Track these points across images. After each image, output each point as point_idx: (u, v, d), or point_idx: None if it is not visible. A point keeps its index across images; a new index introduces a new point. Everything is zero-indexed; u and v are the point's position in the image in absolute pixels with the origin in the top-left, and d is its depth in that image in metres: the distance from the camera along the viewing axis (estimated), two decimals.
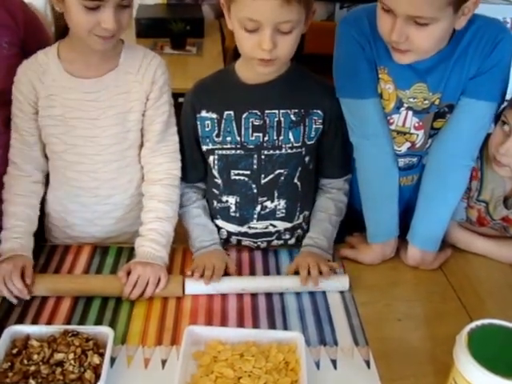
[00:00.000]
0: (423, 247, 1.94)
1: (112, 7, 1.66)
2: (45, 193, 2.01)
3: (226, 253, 1.97)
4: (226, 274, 1.86)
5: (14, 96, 1.89)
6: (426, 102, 1.84)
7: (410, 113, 1.87)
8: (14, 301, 1.75)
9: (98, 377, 1.45)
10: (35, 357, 1.50)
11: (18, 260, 1.79)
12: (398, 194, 1.98)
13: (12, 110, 1.91)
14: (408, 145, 1.93)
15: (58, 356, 1.50)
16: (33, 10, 2.06)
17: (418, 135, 1.90)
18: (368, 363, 1.60)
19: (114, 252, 2.01)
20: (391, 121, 1.90)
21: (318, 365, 1.59)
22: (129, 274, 1.78)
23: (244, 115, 1.88)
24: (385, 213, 1.99)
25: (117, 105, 1.87)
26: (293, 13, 1.63)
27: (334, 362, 1.60)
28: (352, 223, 2.09)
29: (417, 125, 1.88)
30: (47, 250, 2.00)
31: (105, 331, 1.58)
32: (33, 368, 1.47)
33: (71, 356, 1.49)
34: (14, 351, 1.52)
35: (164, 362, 1.58)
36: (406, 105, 1.86)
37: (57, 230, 2.06)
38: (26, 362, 1.49)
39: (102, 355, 1.51)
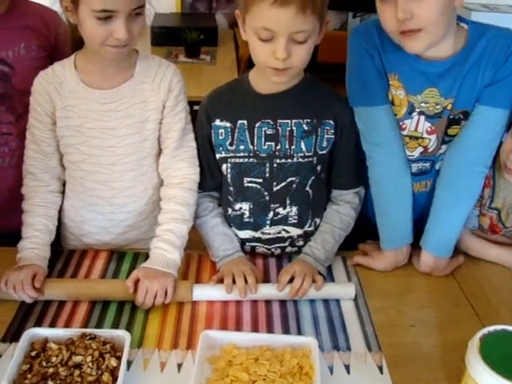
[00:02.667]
0: (436, 253, 1.95)
1: (123, 17, 1.69)
2: (61, 202, 2.03)
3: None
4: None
5: (31, 107, 1.92)
6: (438, 106, 1.86)
7: (422, 117, 1.89)
8: (29, 300, 1.80)
9: (115, 379, 1.47)
10: (54, 359, 1.51)
11: (29, 268, 1.81)
12: (412, 200, 1.99)
13: (30, 121, 1.93)
14: (420, 149, 1.94)
15: (76, 358, 1.52)
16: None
17: (430, 139, 1.92)
18: (381, 368, 1.61)
19: (131, 257, 2.03)
20: (404, 126, 1.92)
21: (331, 369, 1.60)
22: (136, 282, 1.80)
23: (257, 124, 1.90)
24: (398, 219, 2.00)
25: (134, 114, 1.89)
26: (307, 23, 1.66)
27: (347, 367, 1.61)
28: (364, 233, 2.11)
29: (429, 129, 1.90)
30: (64, 255, 2.03)
31: (122, 335, 1.60)
32: (51, 370, 1.49)
33: (89, 359, 1.51)
34: (33, 354, 1.54)
35: (180, 366, 1.60)
36: (417, 110, 1.88)
37: (73, 238, 2.08)
38: (44, 364, 1.51)
39: (118, 358, 1.53)
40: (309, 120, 1.90)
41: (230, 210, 2.02)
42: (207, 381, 1.52)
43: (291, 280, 1.84)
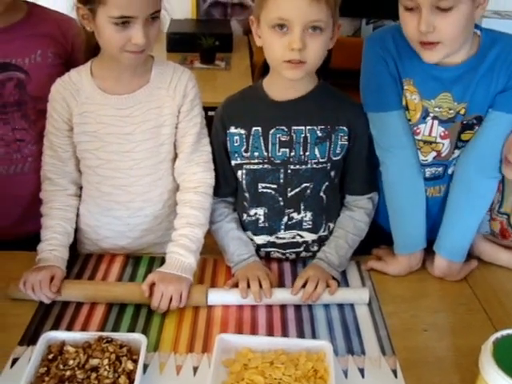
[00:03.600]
0: (450, 258, 1.96)
1: (141, 23, 1.72)
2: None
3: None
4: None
5: (49, 113, 1.94)
6: (452, 111, 1.87)
7: (436, 122, 1.90)
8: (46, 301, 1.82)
9: (131, 382, 1.48)
10: (71, 362, 1.53)
11: (47, 269, 1.83)
12: (426, 206, 2.00)
13: (47, 128, 1.96)
14: (434, 154, 1.95)
15: (93, 361, 1.53)
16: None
17: (443, 144, 1.93)
18: (395, 372, 1.62)
19: (147, 262, 2.05)
20: (418, 131, 1.93)
21: (345, 373, 1.61)
22: (152, 286, 1.81)
23: (271, 131, 1.92)
24: (411, 224, 2.01)
25: (150, 119, 1.91)
26: (321, 13, 1.70)
27: (361, 371, 1.62)
28: (377, 238, 2.12)
29: (443, 134, 1.91)
30: (81, 259, 2.05)
31: (138, 338, 1.61)
32: (68, 373, 1.51)
33: (106, 362, 1.53)
34: (50, 356, 1.56)
35: (196, 369, 1.61)
36: (431, 114, 1.89)
37: (89, 243, 2.10)
38: (61, 367, 1.52)
39: (135, 361, 1.54)
40: (323, 126, 1.92)
41: (245, 216, 2.04)
42: None
43: (305, 284, 1.85)
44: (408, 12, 1.71)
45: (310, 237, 2.03)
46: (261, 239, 2.04)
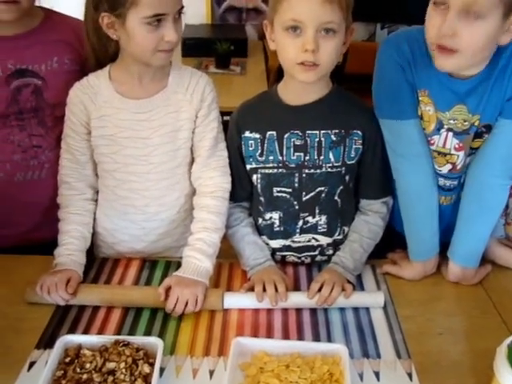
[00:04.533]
0: (464, 264, 1.96)
1: (171, 20, 1.76)
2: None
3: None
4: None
5: (67, 117, 1.96)
6: (466, 123, 1.85)
7: (451, 134, 1.88)
8: (62, 303, 1.84)
9: None
10: (88, 365, 1.54)
11: (63, 273, 1.85)
12: (438, 212, 2.00)
13: (65, 131, 1.98)
14: (449, 167, 1.94)
15: (110, 365, 1.54)
16: None
17: (458, 156, 1.91)
18: (410, 375, 1.62)
19: (163, 266, 2.06)
20: (432, 142, 1.91)
21: (361, 376, 1.61)
22: (168, 290, 1.83)
23: (286, 135, 1.93)
24: (426, 231, 2.01)
25: (167, 124, 1.93)
26: (334, 14, 1.71)
27: (377, 374, 1.63)
28: (391, 243, 2.12)
29: (457, 146, 1.89)
30: (97, 263, 2.06)
31: (154, 342, 1.62)
32: (85, 376, 1.52)
33: (122, 365, 1.54)
34: (67, 360, 1.57)
35: (212, 373, 1.62)
36: (446, 126, 1.87)
37: (105, 247, 2.11)
38: (78, 370, 1.54)
39: (151, 365, 1.55)
40: (337, 131, 1.92)
41: (260, 220, 2.05)
42: None
43: (321, 288, 1.85)
44: (436, 8, 1.67)
45: (325, 240, 2.03)
46: (276, 243, 2.04)
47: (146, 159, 1.95)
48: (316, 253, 2.05)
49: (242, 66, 4.32)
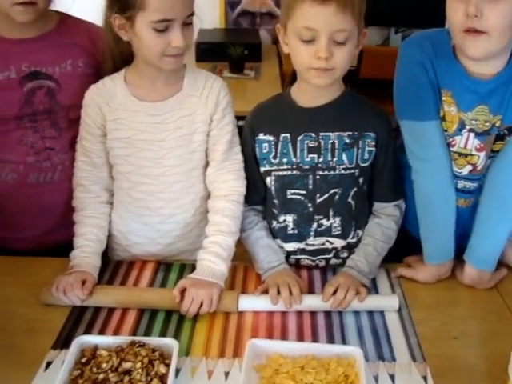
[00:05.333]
0: (481, 266, 1.95)
1: (179, 26, 1.76)
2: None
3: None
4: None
5: (82, 119, 1.98)
6: (488, 124, 1.86)
7: (472, 135, 1.88)
8: (78, 303, 1.85)
9: None
10: (104, 365, 1.55)
11: (78, 274, 1.86)
12: (455, 215, 2.00)
13: (81, 134, 1.99)
14: (469, 168, 1.94)
15: (126, 365, 1.55)
16: None
17: (479, 157, 1.91)
18: (425, 379, 1.62)
19: (178, 268, 2.06)
20: (453, 142, 1.91)
21: (376, 379, 1.61)
22: (183, 291, 1.83)
23: (299, 137, 1.94)
24: (442, 235, 2.00)
25: (182, 126, 1.94)
26: (346, 22, 1.72)
27: (392, 377, 1.62)
28: (405, 246, 2.11)
29: (478, 147, 1.89)
30: (112, 266, 2.07)
31: (170, 343, 1.63)
32: (102, 376, 1.53)
33: (138, 365, 1.54)
34: (83, 360, 1.58)
35: (227, 374, 1.62)
36: (467, 127, 1.87)
37: (120, 249, 2.12)
38: (95, 370, 1.54)
39: (167, 365, 1.56)
40: (350, 133, 1.93)
41: (274, 223, 2.05)
42: None
43: (335, 291, 1.86)
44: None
45: (339, 243, 2.03)
46: (290, 246, 2.04)
47: (161, 162, 1.96)
48: (330, 256, 2.05)
49: (256, 71, 4.33)
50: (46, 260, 2.06)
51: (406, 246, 2.10)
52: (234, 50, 4.19)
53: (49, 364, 1.64)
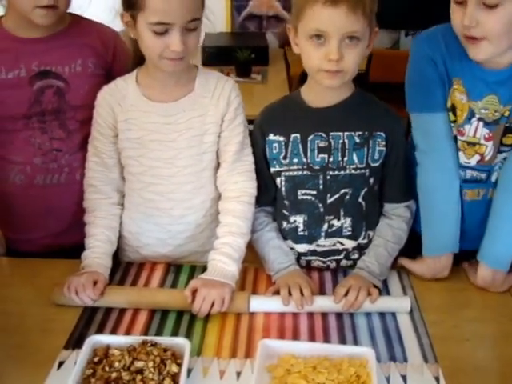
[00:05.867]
0: (495, 267, 1.94)
1: (179, 31, 1.75)
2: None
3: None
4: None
5: (94, 120, 1.99)
6: (497, 113, 1.87)
7: (481, 124, 1.89)
8: (90, 303, 1.85)
9: None
10: (116, 364, 1.55)
11: (90, 274, 1.87)
12: (465, 211, 2.01)
13: (92, 134, 2.00)
14: (477, 158, 1.94)
15: (139, 364, 1.55)
16: (123, 40, 2.20)
17: (487, 146, 1.92)
18: (438, 380, 1.62)
19: (188, 270, 2.06)
20: (463, 132, 1.92)
21: (388, 380, 1.61)
22: (194, 292, 1.83)
23: (310, 137, 1.94)
24: (441, 227, 2.01)
25: (193, 127, 1.94)
26: (357, 24, 1.73)
27: (403, 378, 1.62)
28: (415, 247, 2.09)
29: (487, 136, 1.90)
30: (122, 267, 2.07)
31: (182, 343, 1.63)
32: (114, 375, 1.53)
33: (151, 364, 1.54)
34: (96, 359, 1.58)
35: (239, 374, 1.62)
36: (477, 115, 1.89)
37: (130, 250, 2.12)
38: (107, 369, 1.55)
39: (179, 365, 1.56)
40: (360, 132, 1.93)
41: (284, 224, 2.05)
42: None
43: (347, 293, 1.85)
44: (456, 5, 1.73)
45: (350, 244, 2.03)
46: (301, 248, 2.04)
47: (172, 162, 1.96)
48: (341, 257, 2.05)
49: (263, 75, 4.33)
50: (55, 261, 2.06)
51: (416, 246, 2.09)
52: (241, 53, 4.19)
53: (61, 364, 1.65)
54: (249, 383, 1.56)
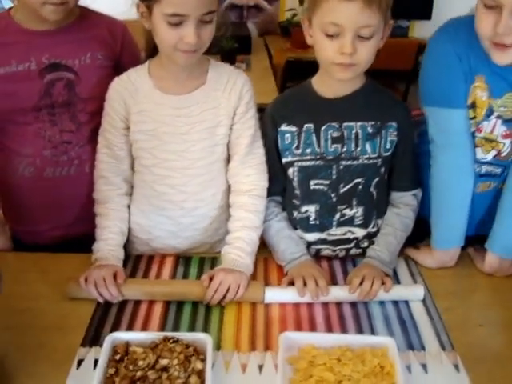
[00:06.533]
0: (502, 254, 1.97)
1: (193, 23, 1.74)
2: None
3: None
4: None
5: (105, 112, 1.97)
6: None
7: (499, 121, 1.89)
8: (101, 300, 1.83)
9: (202, 382, 1.50)
10: (141, 363, 1.53)
11: (109, 267, 1.86)
12: (475, 201, 2.01)
13: (103, 126, 1.99)
14: (494, 153, 1.95)
15: (163, 362, 1.54)
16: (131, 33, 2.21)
17: (504, 144, 1.93)
18: (457, 367, 1.63)
19: (197, 262, 2.06)
20: (481, 129, 1.92)
21: (409, 369, 1.62)
22: (211, 279, 1.83)
23: (323, 128, 1.94)
24: (451, 221, 2.02)
25: (206, 119, 1.93)
26: (373, 18, 1.72)
27: (424, 366, 1.64)
28: (420, 233, 2.12)
29: (504, 133, 1.91)
30: (132, 260, 2.05)
31: (203, 338, 1.62)
32: (139, 373, 1.51)
33: (175, 362, 1.53)
34: (117, 357, 1.56)
35: (261, 367, 1.62)
36: (496, 113, 1.89)
37: (139, 243, 2.11)
38: (131, 367, 1.53)
39: (202, 361, 1.55)
40: (373, 122, 1.94)
41: (295, 213, 2.05)
42: (290, 381, 1.55)
43: (361, 283, 1.86)
44: (487, 10, 1.68)
45: (360, 232, 2.05)
46: (312, 236, 2.05)
47: (185, 155, 1.95)
48: (351, 245, 2.07)
49: (247, 63, 4.36)
50: (66, 256, 2.05)
51: (421, 230, 2.11)
52: (226, 42, 4.18)
53: (80, 362, 1.63)
54: (272, 376, 1.56)
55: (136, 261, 2.06)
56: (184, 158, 1.96)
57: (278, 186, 2.07)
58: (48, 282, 1.92)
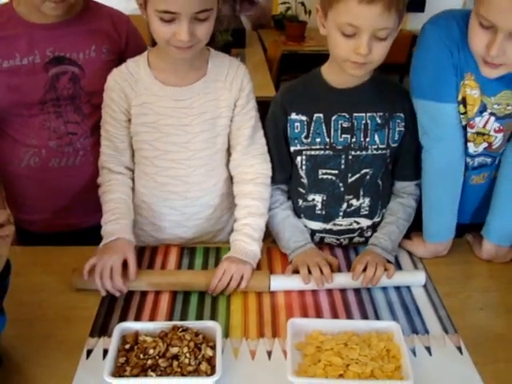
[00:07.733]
0: (498, 242, 2.01)
1: (186, 20, 1.72)
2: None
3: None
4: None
5: (105, 104, 1.98)
6: (510, 107, 1.88)
7: (493, 118, 1.90)
8: (104, 293, 1.83)
9: (212, 368, 1.52)
10: (151, 351, 1.55)
11: (119, 251, 1.84)
12: (470, 192, 2.05)
13: (104, 118, 2.00)
14: (485, 145, 1.96)
15: (173, 350, 1.55)
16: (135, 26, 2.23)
17: (496, 137, 1.94)
18: (460, 349, 1.67)
19: (202, 252, 2.08)
20: (473, 124, 1.92)
21: (413, 352, 1.65)
22: None
23: (333, 117, 1.95)
24: (443, 215, 2.05)
25: (207, 111, 1.95)
26: (390, 20, 1.71)
27: (428, 349, 1.67)
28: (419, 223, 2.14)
29: (497, 128, 1.92)
30: (136, 252, 2.02)
31: (212, 325, 1.64)
32: (150, 362, 1.53)
33: (185, 349, 1.55)
34: (127, 347, 1.58)
35: (269, 354, 1.65)
36: (489, 110, 1.89)
37: (144, 235, 2.13)
38: (141, 356, 1.54)
39: (212, 348, 1.58)
40: (381, 113, 1.96)
41: (300, 202, 2.07)
42: (299, 366, 1.57)
43: (365, 269, 1.88)
44: (482, 29, 1.68)
45: (365, 223, 2.08)
46: (316, 225, 2.08)
47: (187, 146, 1.97)
48: (355, 234, 2.10)
49: (241, 57, 4.36)
50: (70, 249, 2.05)
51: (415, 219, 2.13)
52: (221, 36, 4.20)
53: (89, 352, 1.65)
54: (281, 362, 1.59)
55: (140, 253, 2.05)
56: (186, 149, 1.98)
57: (284, 175, 2.08)
58: (54, 273, 1.94)
